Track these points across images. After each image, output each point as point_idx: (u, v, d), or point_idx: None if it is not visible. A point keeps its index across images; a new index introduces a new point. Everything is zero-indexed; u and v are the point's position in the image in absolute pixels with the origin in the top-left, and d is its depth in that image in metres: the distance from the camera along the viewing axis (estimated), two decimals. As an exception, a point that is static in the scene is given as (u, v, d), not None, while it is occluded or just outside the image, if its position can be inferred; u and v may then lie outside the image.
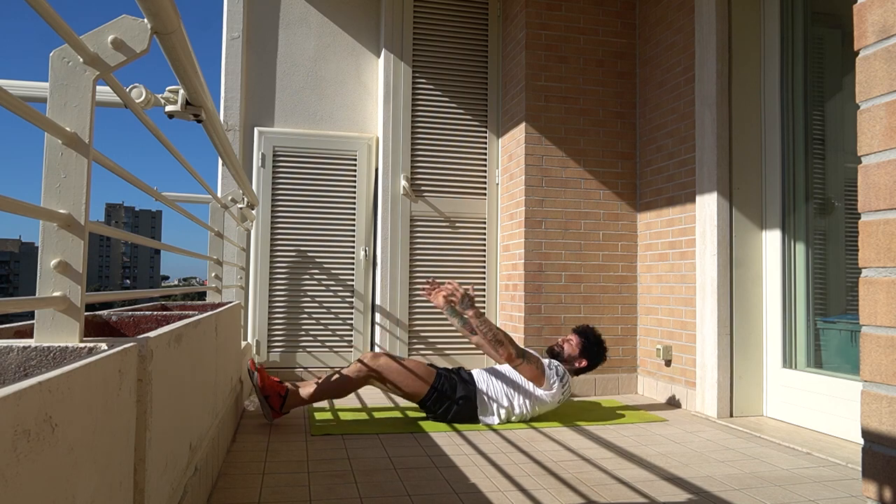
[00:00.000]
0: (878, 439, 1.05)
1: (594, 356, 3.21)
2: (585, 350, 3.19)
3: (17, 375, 1.00)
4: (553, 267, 3.83)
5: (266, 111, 4.23)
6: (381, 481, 2.13)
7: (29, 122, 0.91)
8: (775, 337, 3.15)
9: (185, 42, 1.30)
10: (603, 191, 3.92)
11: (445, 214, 4.25)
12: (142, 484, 1.15)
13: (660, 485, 2.13)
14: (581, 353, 3.19)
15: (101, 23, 1.36)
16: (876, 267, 1.07)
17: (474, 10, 4.34)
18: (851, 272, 2.87)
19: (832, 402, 2.80)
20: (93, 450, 0.88)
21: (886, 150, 1.07)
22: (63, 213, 1.04)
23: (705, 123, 3.30)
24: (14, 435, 0.64)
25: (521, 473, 2.24)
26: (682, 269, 3.50)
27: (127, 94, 1.34)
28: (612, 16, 4.00)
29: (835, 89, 3.02)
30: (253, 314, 4.06)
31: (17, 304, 0.93)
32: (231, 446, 2.53)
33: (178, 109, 1.57)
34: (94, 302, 1.32)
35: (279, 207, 4.15)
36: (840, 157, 2.97)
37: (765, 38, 3.27)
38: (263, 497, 1.96)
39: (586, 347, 3.20)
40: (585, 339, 3.20)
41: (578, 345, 3.19)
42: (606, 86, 3.97)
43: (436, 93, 4.26)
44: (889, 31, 1.07)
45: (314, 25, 4.33)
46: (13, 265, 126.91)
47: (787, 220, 3.14)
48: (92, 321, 1.81)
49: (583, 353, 3.19)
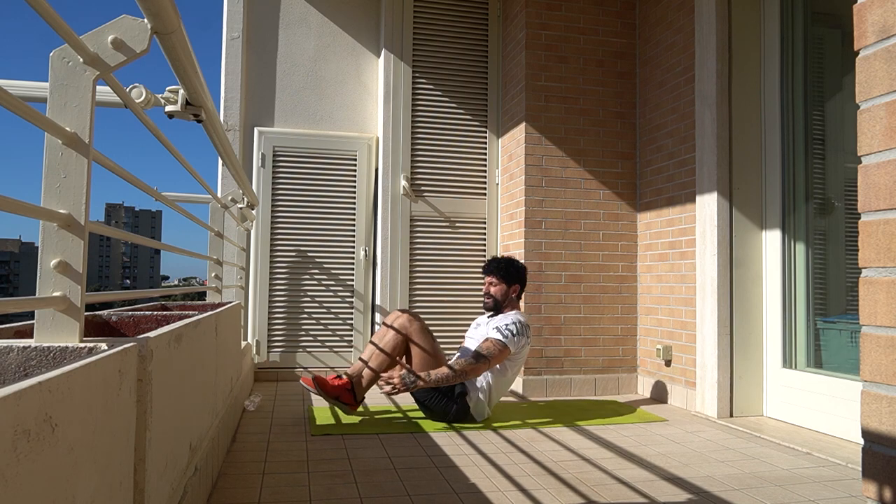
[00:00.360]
0: (878, 439, 1.05)
1: (516, 274, 3.25)
2: (507, 278, 3.23)
3: (17, 375, 1.00)
4: (553, 267, 3.83)
5: (266, 111, 4.23)
6: (381, 481, 2.13)
7: (29, 122, 0.91)
8: (775, 337, 3.15)
9: (185, 42, 1.30)
10: (603, 191, 3.92)
11: (445, 214, 4.25)
12: (142, 484, 1.15)
13: (660, 485, 2.13)
14: (508, 284, 3.23)
15: (101, 23, 1.36)
16: (876, 267, 1.07)
17: (474, 10, 4.34)
18: (851, 272, 2.87)
19: (832, 402, 2.80)
20: (93, 450, 0.88)
21: (886, 150, 1.07)
22: (63, 213, 1.04)
23: (705, 123, 3.29)
24: (14, 435, 0.64)
25: (521, 473, 2.24)
26: (682, 269, 3.50)
27: (127, 94, 1.34)
28: (612, 16, 4.00)
29: (835, 89, 3.02)
30: (253, 314, 4.06)
31: (17, 304, 0.93)
32: (231, 446, 2.53)
33: (178, 109, 1.57)
34: (94, 302, 1.32)
35: (279, 207, 4.15)
36: (840, 157, 2.97)
37: (765, 38, 3.27)
38: (263, 497, 1.96)
39: (506, 277, 3.23)
40: (500, 272, 3.24)
41: (500, 281, 3.23)
42: (606, 86, 3.97)
43: (436, 93, 4.26)
44: (889, 31, 1.07)
45: (314, 25, 4.33)
46: (13, 265, 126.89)
47: (787, 220, 3.14)
48: (92, 321, 1.81)
49: (509, 283, 3.23)
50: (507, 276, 3.22)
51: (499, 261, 3.27)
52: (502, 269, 3.23)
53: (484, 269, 3.30)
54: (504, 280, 3.22)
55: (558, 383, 3.78)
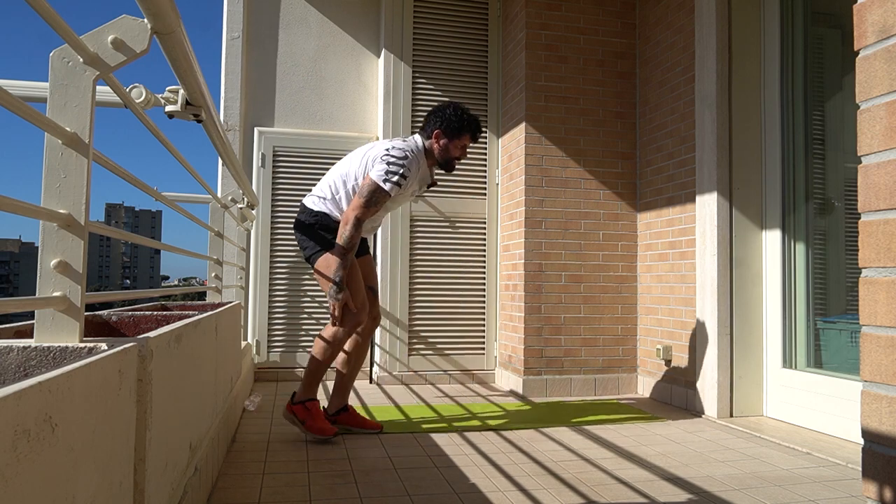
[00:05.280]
0: (878, 439, 1.05)
1: (446, 120, 2.75)
2: (434, 125, 2.77)
3: (17, 375, 1.00)
4: (553, 267, 3.83)
5: (266, 111, 4.23)
6: (381, 481, 2.13)
7: (29, 122, 0.91)
8: (775, 337, 3.15)
9: (185, 42, 1.30)
10: (603, 191, 3.92)
11: (445, 214, 4.24)
12: (142, 484, 1.15)
13: (660, 485, 2.13)
14: (434, 133, 2.77)
15: (101, 23, 1.36)
16: (876, 267, 1.07)
17: (474, 10, 4.34)
18: (851, 272, 2.87)
19: (832, 402, 2.80)
20: (93, 450, 0.88)
21: (886, 150, 1.07)
22: (63, 213, 1.04)
23: (705, 123, 3.29)
24: (14, 435, 0.64)
25: (521, 473, 2.24)
26: (682, 269, 3.50)
27: (127, 94, 1.34)
28: (612, 16, 3.99)
29: (835, 89, 3.02)
30: (253, 314, 4.06)
31: (17, 304, 0.93)
32: (231, 446, 2.53)
33: (178, 109, 1.57)
34: (94, 302, 1.32)
35: (279, 207, 4.15)
36: (840, 157, 2.97)
37: (765, 38, 3.27)
38: (263, 497, 1.96)
39: (433, 121, 2.78)
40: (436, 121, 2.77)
41: (433, 131, 2.77)
42: (606, 86, 3.97)
43: (436, 93, 4.26)
44: (889, 31, 1.07)
45: (314, 25, 4.33)
46: (13, 265, 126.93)
47: (787, 220, 3.14)
48: (92, 321, 1.81)
49: (432, 127, 2.77)
50: (433, 122, 2.79)
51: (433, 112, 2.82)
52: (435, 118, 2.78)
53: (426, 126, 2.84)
54: (429, 127, 2.79)
55: (558, 383, 3.78)
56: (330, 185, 2.76)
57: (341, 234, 2.60)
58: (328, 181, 2.78)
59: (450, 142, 2.78)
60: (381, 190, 2.60)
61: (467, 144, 2.83)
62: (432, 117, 2.81)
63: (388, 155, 2.65)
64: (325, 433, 2.62)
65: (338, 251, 2.61)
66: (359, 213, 2.59)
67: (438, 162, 2.83)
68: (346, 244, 2.59)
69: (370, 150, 2.75)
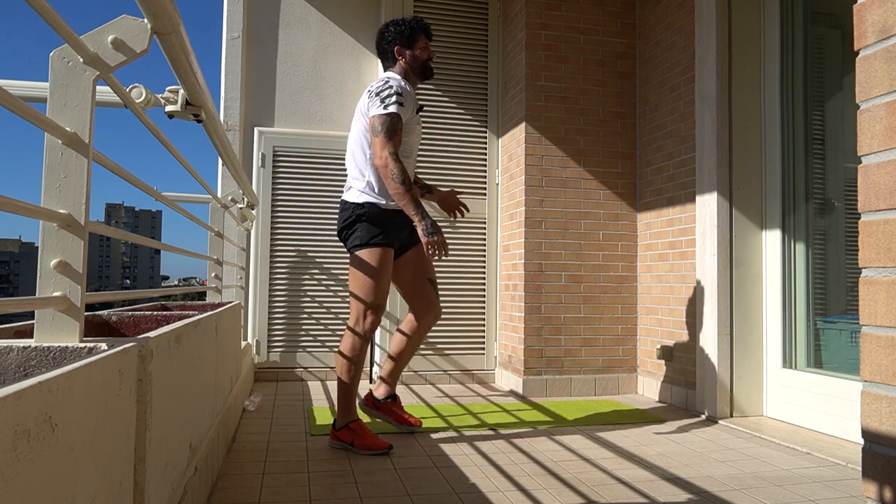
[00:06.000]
0: (878, 439, 1.05)
1: (397, 35, 2.74)
2: (391, 47, 2.75)
3: (17, 375, 1.00)
4: (553, 267, 3.83)
5: (266, 111, 4.23)
6: (381, 481, 2.13)
7: (29, 122, 0.91)
8: (775, 337, 3.15)
9: (185, 42, 1.30)
10: (603, 191, 3.92)
11: (445, 214, 4.24)
12: (142, 484, 1.15)
13: (660, 485, 2.13)
14: (395, 52, 2.75)
15: (101, 23, 1.36)
16: (876, 267, 1.07)
17: (474, 10, 4.34)
18: (851, 272, 2.87)
19: (832, 402, 2.80)
20: (93, 450, 0.88)
21: (886, 150, 1.07)
22: (63, 213, 1.04)
23: (705, 123, 3.30)
24: (14, 435, 0.64)
25: (521, 473, 2.24)
26: (682, 269, 3.50)
27: (127, 94, 1.34)
28: (612, 16, 3.99)
29: (835, 89, 3.02)
30: (253, 314, 4.06)
31: (17, 304, 0.93)
32: (231, 446, 2.53)
33: (178, 109, 1.57)
34: (94, 302, 1.32)
35: (279, 207, 4.15)
36: (840, 157, 2.97)
37: (765, 38, 3.27)
38: (263, 497, 1.96)
39: (386, 48, 2.76)
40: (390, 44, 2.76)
41: (392, 53, 2.76)
42: (606, 86, 3.97)
43: (435, 93, 4.26)
44: (889, 31, 1.07)
45: (314, 25, 4.33)
46: (13, 265, 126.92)
47: (787, 220, 3.14)
48: (92, 321, 1.81)
49: (390, 51, 2.76)
50: (386, 41, 2.78)
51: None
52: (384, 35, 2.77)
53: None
54: (389, 50, 2.78)
55: (558, 383, 3.78)
56: (360, 169, 2.69)
57: (387, 176, 2.51)
58: (354, 166, 2.72)
59: (412, 51, 2.76)
60: (388, 115, 2.55)
61: (427, 44, 2.81)
62: (382, 45, 2.78)
63: (372, 91, 2.64)
64: (378, 448, 2.50)
65: (399, 194, 2.51)
66: (387, 148, 2.52)
67: (416, 74, 2.79)
68: (399, 180, 2.49)
69: (359, 108, 2.74)
